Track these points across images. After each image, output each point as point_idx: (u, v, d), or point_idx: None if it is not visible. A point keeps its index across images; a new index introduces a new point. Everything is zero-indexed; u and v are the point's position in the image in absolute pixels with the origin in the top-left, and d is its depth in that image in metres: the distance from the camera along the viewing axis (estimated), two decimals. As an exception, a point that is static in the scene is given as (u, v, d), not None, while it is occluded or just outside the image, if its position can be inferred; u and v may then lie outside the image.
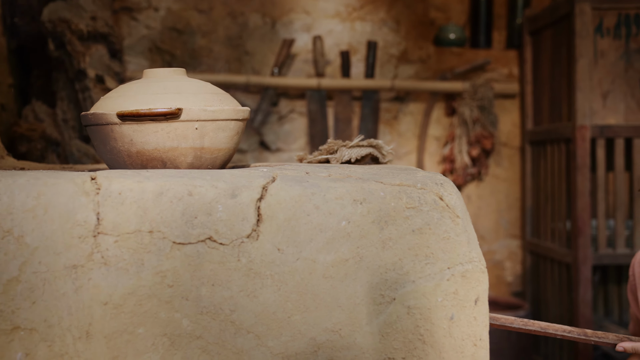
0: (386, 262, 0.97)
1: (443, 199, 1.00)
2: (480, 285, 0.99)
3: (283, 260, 0.94)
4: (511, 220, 3.60)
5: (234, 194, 0.96)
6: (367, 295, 0.96)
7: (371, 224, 0.97)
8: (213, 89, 1.28)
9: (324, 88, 3.19)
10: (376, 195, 0.99)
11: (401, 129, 3.49)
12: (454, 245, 0.98)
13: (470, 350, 0.98)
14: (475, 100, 3.34)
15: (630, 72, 2.79)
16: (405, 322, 0.96)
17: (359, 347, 0.96)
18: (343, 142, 1.44)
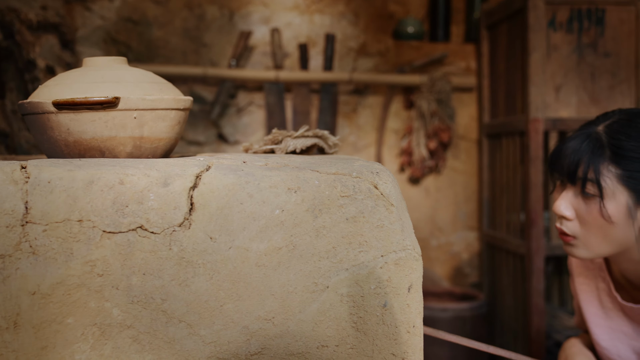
0: (320, 250, 0.97)
1: (378, 187, 1.01)
2: (414, 272, 1.00)
3: (215, 249, 0.94)
4: (469, 212, 3.64)
5: (166, 183, 0.95)
6: (300, 283, 0.96)
7: (305, 213, 0.97)
8: (153, 78, 1.27)
9: (282, 80, 3.19)
10: (311, 183, 0.99)
11: (360, 121, 3.50)
12: (388, 233, 0.99)
13: (404, 337, 0.99)
14: (433, 93, 3.37)
15: (582, 65, 2.83)
16: (339, 309, 0.97)
17: (292, 335, 0.96)
18: (288, 133, 1.44)
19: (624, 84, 2.85)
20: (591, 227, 1.34)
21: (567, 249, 1.41)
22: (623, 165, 1.30)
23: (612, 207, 1.31)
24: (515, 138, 3.02)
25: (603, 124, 1.36)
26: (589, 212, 1.33)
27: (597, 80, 2.84)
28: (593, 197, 1.32)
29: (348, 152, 3.49)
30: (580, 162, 1.33)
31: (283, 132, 1.44)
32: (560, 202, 1.38)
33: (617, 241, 1.34)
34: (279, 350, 0.95)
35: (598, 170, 1.31)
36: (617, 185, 1.30)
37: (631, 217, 1.31)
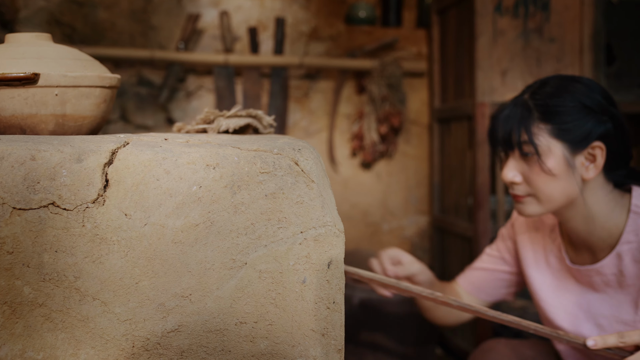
0: (238, 227, 0.96)
1: (298, 164, 1.00)
2: (334, 248, 1.00)
3: (130, 226, 0.93)
4: (420, 196, 3.67)
5: (79, 159, 0.93)
6: (218, 259, 0.95)
7: (223, 189, 0.96)
8: (78, 54, 1.24)
9: (231, 64, 3.16)
10: (230, 160, 0.98)
11: (312, 106, 3.50)
12: (308, 210, 0.99)
13: (323, 313, 0.99)
14: (384, 78, 3.37)
15: (528, 50, 2.86)
16: (257, 286, 0.97)
17: (210, 312, 0.95)
18: (220, 112, 1.43)
19: (569, 68, 2.89)
20: (538, 183, 1.42)
21: (519, 208, 1.49)
22: (551, 121, 1.40)
23: (551, 161, 1.40)
24: (463, 122, 3.05)
25: (528, 93, 1.47)
26: (532, 172, 1.42)
27: (542, 65, 2.87)
28: (532, 156, 1.41)
29: (300, 136, 3.48)
30: (513, 128, 1.43)
31: (215, 111, 1.42)
32: (506, 171, 1.47)
33: (564, 192, 1.42)
34: (196, 327, 0.95)
35: (530, 130, 1.40)
36: (551, 140, 1.40)
37: (570, 166, 1.41)
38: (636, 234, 1.44)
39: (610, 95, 1.47)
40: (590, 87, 1.44)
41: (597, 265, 1.48)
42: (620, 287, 1.48)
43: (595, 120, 1.41)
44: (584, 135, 1.40)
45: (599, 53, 2.88)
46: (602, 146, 1.41)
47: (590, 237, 1.49)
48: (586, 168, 1.42)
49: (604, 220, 1.46)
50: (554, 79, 1.47)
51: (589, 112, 1.41)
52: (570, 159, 1.41)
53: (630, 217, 1.45)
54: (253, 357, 0.97)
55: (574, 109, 1.40)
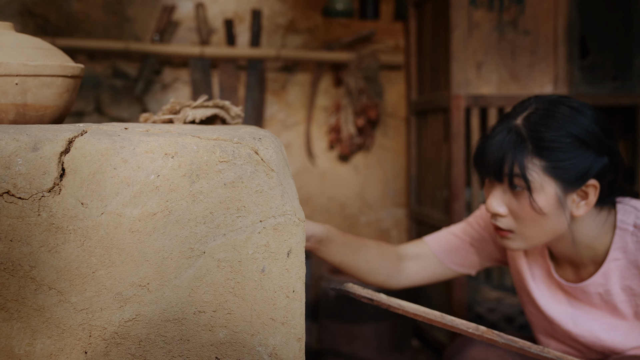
0: (196, 216, 0.96)
1: (258, 153, 1.00)
2: (293, 237, 1.00)
3: (87, 215, 0.92)
4: (397, 189, 3.68)
5: (35, 148, 0.92)
6: (176, 248, 0.95)
7: (182, 178, 0.96)
8: (40, 44, 1.23)
9: (207, 56, 3.14)
10: (189, 149, 0.98)
11: (289, 99, 3.49)
12: (267, 199, 0.99)
13: (283, 302, 0.99)
14: (361, 70, 3.38)
15: (503, 43, 2.88)
16: (216, 275, 0.96)
17: (168, 301, 0.95)
18: (187, 103, 1.42)
19: (543, 61, 2.91)
20: (525, 220, 1.34)
21: (504, 242, 1.41)
22: (546, 157, 1.30)
23: (542, 199, 1.31)
24: (439, 115, 3.06)
25: (521, 117, 1.36)
26: (520, 207, 1.33)
27: (517, 58, 2.89)
28: (522, 191, 1.32)
29: (277, 129, 3.47)
30: (505, 159, 1.32)
31: (181, 101, 1.42)
32: (491, 201, 1.37)
33: (552, 230, 1.36)
34: (154, 317, 0.94)
35: (523, 165, 1.30)
36: (544, 177, 1.31)
37: (561, 205, 1.33)
38: (624, 251, 1.38)
39: (608, 125, 1.36)
40: (587, 117, 1.33)
41: (582, 284, 1.44)
42: (606, 306, 1.44)
43: (592, 158, 1.32)
44: (579, 175, 1.31)
45: (573, 46, 2.90)
46: (596, 185, 1.33)
47: (575, 256, 1.44)
48: (577, 205, 1.34)
49: (590, 243, 1.41)
50: (549, 102, 1.36)
51: (587, 149, 1.31)
52: (562, 197, 1.32)
53: (617, 233, 1.39)
54: (212, 346, 0.97)
55: (571, 146, 1.30)
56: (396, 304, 1.16)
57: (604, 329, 1.44)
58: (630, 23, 2.95)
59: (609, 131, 1.36)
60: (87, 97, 3.10)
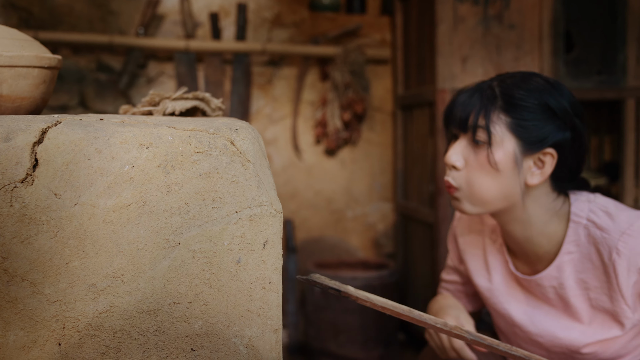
0: (171, 207, 0.95)
1: (234, 143, 0.99)
2: (270, 228, 0.99)
3: (60, 206, 0.91)
4: (384, 183, 3.68)
5: (7, 138, 0.91)
6: (150, 240, 0.94)
7: (157, 168, 0.95)
8: (16, 34, 1.22)
9: (192, 50, 3.13)
10: (164, 139, 0.97)
11: (276, 93, 3.48)
12: (243, 190, 0.98)
13: (259, 293, 0.99)
14: (347, 64, 3.37)
15: (488, 37, 2.88)
16: (191, 266, 0.96)
17: (143, 293, 0.94)
18: (167, 95, 1.41)
19: (528, 55, 2.91)
20: (478, 175, 1.35)
21: (453, 204, 1.42)
22: (512, 114, 1.33)
23: (499, 154, 1.33)
24: (425, 109, 3.06)
25: (496, 80, 1.40)
26: (477, 160, 1.35)
27: (502, 52, 2.89)
28: (483, 144, 1.34)
29: (264, 123, 3.47)
30: (472, 110, 1.35)
31: (161, 93, 1.41)
32: (451, 152, 1.39)
33: (502, 193, 1.36)
34: (128, 308, 0.94)
35: (489, 117, 1.33)
36: (506, 133, 1.33)
37: (517, 166, 1.34)
38: (577, 244, 1.39)
39: (580, 105, 1.39)
40: (561, 92, 1.36)
41: (537, 277, 1.44)
42: (561, 302, 1.44)
43: (554, 126, 1.34)
44: (539, 138, 1.33)
45: (558, 40, 2.91)
46: (554, 154, 1.34)
47: (527, 244, 1.44)
48: (532, 173, 1.35)
49: (542, 228, 1.40)
50: (527, 73, 1.40)
51: (552, 115, 1.34)
52: (519, 158, 1.33)
53: (570, 226, 1.39)
54: (187, 338, 0.96)
55: (538, 108, 1.33)
56: (364, 296, 1.15)
57: (560, 328, 1.44)
58: (615, 17, 2.96)
59: (578, 110, 1.38)
60: (71, 91, 3.08)
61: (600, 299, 1.38)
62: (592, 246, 1.37)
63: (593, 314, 1.40)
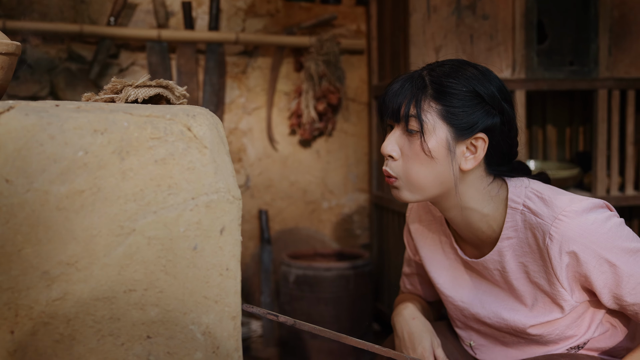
0: (126, 193, 0.94)
1: (191, 129, 0.99)
2: (227, 215, 0.99)
3: (12, 192, 0.90)
4: (359, 174, 3.68)
5: (-43, 123, 0.90)
6: (105, 226, 0.93)
7: (111, 155, 0.94)
8: (-28, 19, 1.20)
9: (164, 39, 3.10)
10: (119, 125, 0.96)
11: (250, 83, 3.47)
12: (200, 176, 0.97)
13: (216, 280, 0.98)
14: (321, 55, 3.36)
15: (461, 27, 2.88)
16: (146, 253, 0.95)
17: (97, 280, 0.93)
18: (129, 82, 1.40)
19: (501, 46, 2.92)
20: (414, 163, 1.37)
21: (393, 193, 1.45)
22: (442, 101, 1.36)
23: (432, 142, 1.36)
24: (399, 99, 3.06)
25: (426, 69, 1.42)
26: (411, 149, 1.37)
27: (475, 42, 2.90)
28: (416, 133, 1.36)
29: (238, 114, 3.45)
30: (404, 100, 1.37)
31: (123, 80, 1.39)
32: (386, 143, 1.41)
33: (438, 179, 1.38)
34: (83, 295, 0.93)
35: (420, 106, 1.36)
36: (438, 120, 1.36)
37: (450, 152, 1.37)
38: (515, 230, 1.42)
39: (508, 91, 1.43)
40: (488, 78, 1.39)
41: (482, 260, 1.47)
42: (506, 284, 1.48)
43: (484, 112, 1.37)
44: (469, 124, 1.36)
45: (531, 30, 2.92)
46: (485, 139, 1.37)
47: (469, 229, 1.47)
48: (465, 158, 1.38)
49: (481, 211, 1.44)
50: (455, 60, 1.44)
51: (480, 101, 1.36)
52: (452, 145, 1.36)
53: (508, 212, 1.42)
54: (143, 325, 0.95)
55: (466, 95, 1.35)
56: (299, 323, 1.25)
57: (507, 309, 1.48)
58: (587, 8, 2.98)
59: (506, 95, 1.41)
60: (41, 81, 3.04)
61: (540, 282, 1.42)
62: (528, 231, 1.40)
63: (535, 297, 1.44)
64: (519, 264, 1.43)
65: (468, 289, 1.55)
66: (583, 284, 1.38)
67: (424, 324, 1.58)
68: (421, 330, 1.57)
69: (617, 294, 1.36)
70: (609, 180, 3.08)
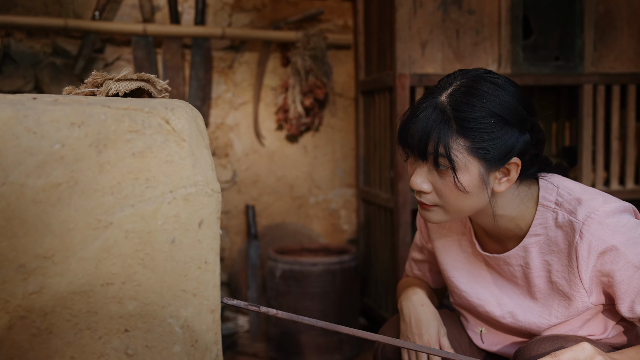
0: (103, 186, 0.94)
1: (170, 122, 0.98)
2: (205, 208, 0.99)
3: (-13, 185, 0.89)
4: (347, 169, 3.68)
5: None
6: (82, 219, 0.93)
7: (88, 147, 0.94)
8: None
9: (150, 34, 3.09)
10: (97, 118, 0.95)
11: (237, 78, 3.46)
12: (178, 169, 0.97)
13: (194, 274, 0.98)
14: (308, 50, 3.36)
15: (447, 22, 2.89)
16: (124, 246, 0.95)
17: (74, 273, 0.93)
18: (110, 75, 1.39)
19: (487, 41, 2.93)
20: (449, 198, 1.35)
21: (425, 215, 1.42)
22: (470, 137, 1.30)
23: (465, 179, 1.32)
24: (385, 94, 3.06)
25: (445, 93, 1.34)
26: (444, 185, 1.34)
27: (461, 37, 2.90)
28: (446, 170, 1.32)
29: (225, 109, 3.44)
30: (429, 138, 1.31)
31: (104, 74, 1.38)
32: (416, 178, 1.36)
33: (474, 206, 1.37)
34: (59, 289, 0.92)
35: (447, 145, 1.30)
36: (468, 157, 1.31)
37: (484, 184, 1.34)
38: (544, 227, 1.41)
39: (531, 102, 1.38)
40: (513, 96, 1.34)
41: (505, 255, 1.47)
42: (525, 282, 1.47)
43: (514, 137, 1.32)
44: (502, 155, 1.32)
45: (516, 26, 2.93)
46: (518, 162, 1.34)
47: (496, 230, 1.46)
48: (499, 181, 1.36)
49: (512, 216, 1.43)
50: (473, 78, 1.35)
51: (510, 127, 1.32)
52: (485, 176, 1.33)
53: (539, 210, 1.41)
54: (121, 319, 0.95)
55: (494, 126, 1.30)
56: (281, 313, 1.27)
57: (522, 310, 1.48)
58: (573, 3, 2.99)
59: (530, 108, 1.37)
60: (25, 76, 3.02)
61: (560, 282, 1.41)
62: (559, 229, 1.39)
63: (553, 297, 1.44)
64: (544, 262, 1.42)
65: (484, 286, 1.54)
66: (605, 287, 1.37)
67: (432, 312, 1.57)
68: (429, 318, 1.56)
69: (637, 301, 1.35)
70: (594, 175, 3.10)
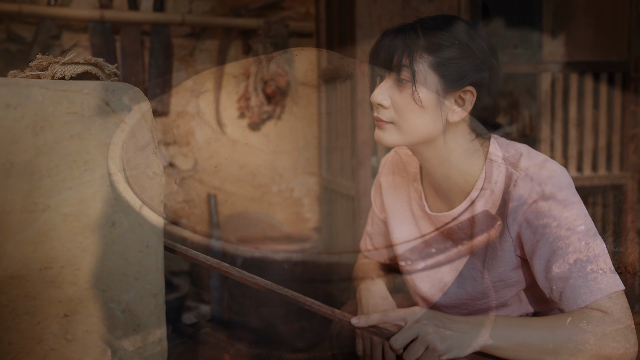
0: (41, 169, 0.92)
1: (109, 104, 0.97)
2: (147, 191, 0.97)
3: None
4: (309, 158, 3.68)
5: None
6: (18, 203, 0.91)
7: (25, 129, 0.92)
8: None
9: (107, 20, 3.04)
10: (34, 99, 0.93)
11: (198, 66, 3.42)
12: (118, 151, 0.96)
13: (136, 257, 0.97)
14: (270, 37, 3.34)
15: (407, 10, 2.89)
16: (62, 230, 0.93)
17: (11, 258, 0.91)
18: (56, 59, 1.36)
19: (447, 29, 2.93)
20: (404, 112, 1.40)
21: (378, 135, 1.45)
22: (435, 53, 1.38)
23: (423, 92, 1.39)
24: (346, 82, 3.06)
25: (419, 23, 1.44)
26: (402, 98, 1.40)
27: (421, 25, 2.91)
28: (407, 83, 1.39)
29: (186, 97, 3.41)
30: (397, 50, 1.39)
31: (49, 57, 1.35)
32: (377, 91, 1.43)
33: (426, 128, 1.42)
34: (-5, 274, 0.91)
35: (412, 56, 1.37)
36: (429, 71, 1.38)
37: (439, 103, 1.40)
38: (489, 181, 1.47)
39: (495, 48, 1.46)
40: (478, 33, 1.43)
41: (452, 211, 1.51)
42: (470, 235, 1.52)
43: (474, 65, 1.41)
44: (460, 76, 1.40)
45: (476, 14, 2.94)
46: (473, 92, 1.42)
47: (446, 182, 1.51)
48: (453, 110, 1.43)
49: (461, 166, 1.48)
50: (448, 16, 1.45)
51: (471, 55, 1.40)
52: (442, 95, 1.40)
53: (486, 164, 1.47)
54: (60, 303, 0.94)
55: (459, 48, 1.39)
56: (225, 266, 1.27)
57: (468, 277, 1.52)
58: (531, -8, 3.02)
59: (494, 51, 1.45)
60: (-20, 62, 2.95)
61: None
62: (502, 183, 1.45)
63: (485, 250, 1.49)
64: (487, 214, 1.47)
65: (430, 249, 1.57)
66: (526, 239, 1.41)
67: (392, 304, 1.60)
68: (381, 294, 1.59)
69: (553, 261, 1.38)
70: (552, 162, 3.14)
